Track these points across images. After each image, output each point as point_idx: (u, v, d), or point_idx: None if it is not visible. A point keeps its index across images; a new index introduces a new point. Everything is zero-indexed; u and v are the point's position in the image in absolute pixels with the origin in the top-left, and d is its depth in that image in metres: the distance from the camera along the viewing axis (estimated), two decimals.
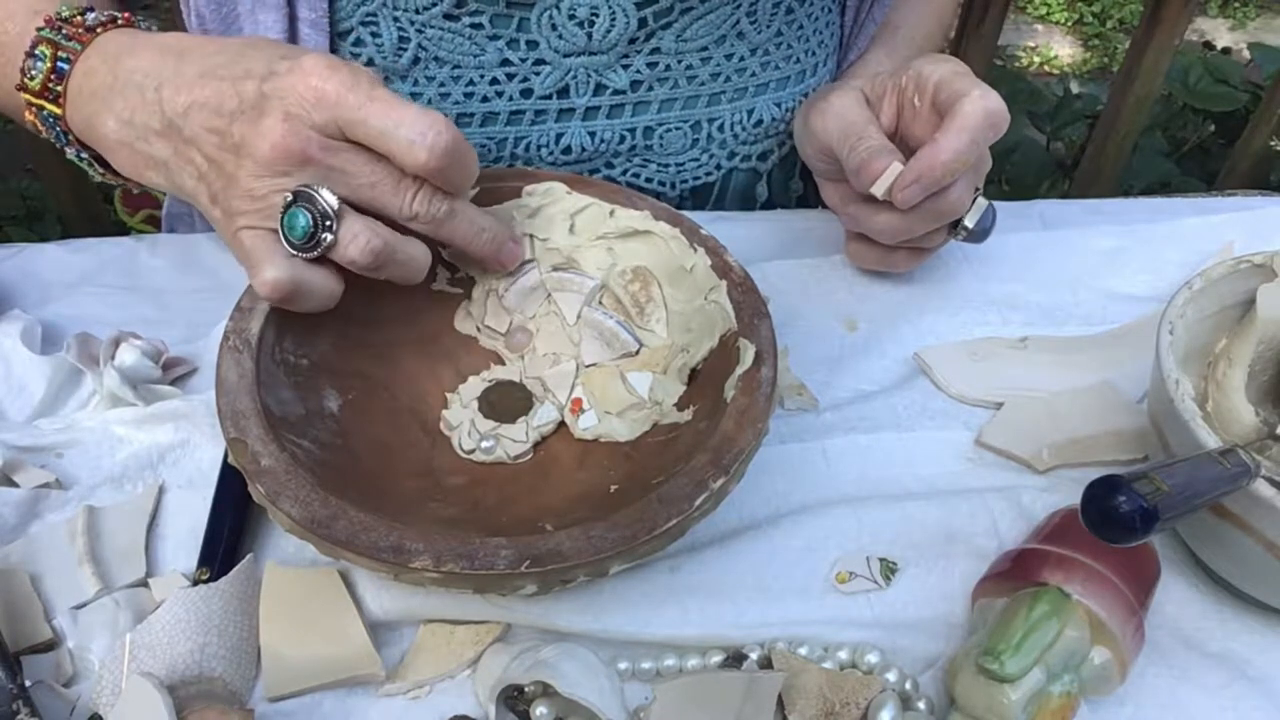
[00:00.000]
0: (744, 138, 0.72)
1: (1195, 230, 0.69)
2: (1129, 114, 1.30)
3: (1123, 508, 0.37)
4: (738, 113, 0.70)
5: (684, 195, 0.73)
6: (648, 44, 0.65)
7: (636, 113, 0.68)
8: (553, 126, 0.66)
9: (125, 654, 0.44)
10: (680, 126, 0.69)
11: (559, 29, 0.63)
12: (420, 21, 0.62)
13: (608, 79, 0.65)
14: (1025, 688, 0.42)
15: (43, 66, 0.52)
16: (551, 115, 0.66)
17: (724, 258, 0.55)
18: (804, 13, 0.70)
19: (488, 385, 0.55)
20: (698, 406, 0.52)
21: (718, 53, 0.67)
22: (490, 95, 0.65)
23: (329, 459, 0.48)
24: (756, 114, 0.71)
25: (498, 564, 0.42)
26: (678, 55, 0.66)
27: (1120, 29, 2.66)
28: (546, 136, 0.67)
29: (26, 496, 0.51)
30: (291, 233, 0.46)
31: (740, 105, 0.70)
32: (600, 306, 0.57)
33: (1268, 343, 0.52)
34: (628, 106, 0.67)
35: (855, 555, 0.51)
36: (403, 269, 0.49)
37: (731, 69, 0.68)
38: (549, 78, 0.64)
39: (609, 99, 0.66)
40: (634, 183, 0.71)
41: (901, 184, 0.57)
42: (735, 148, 0.72)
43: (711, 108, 0.69)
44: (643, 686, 0.47)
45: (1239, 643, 0.49)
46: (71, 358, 0.56)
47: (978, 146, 0.56)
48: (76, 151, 0.55)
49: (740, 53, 0.68)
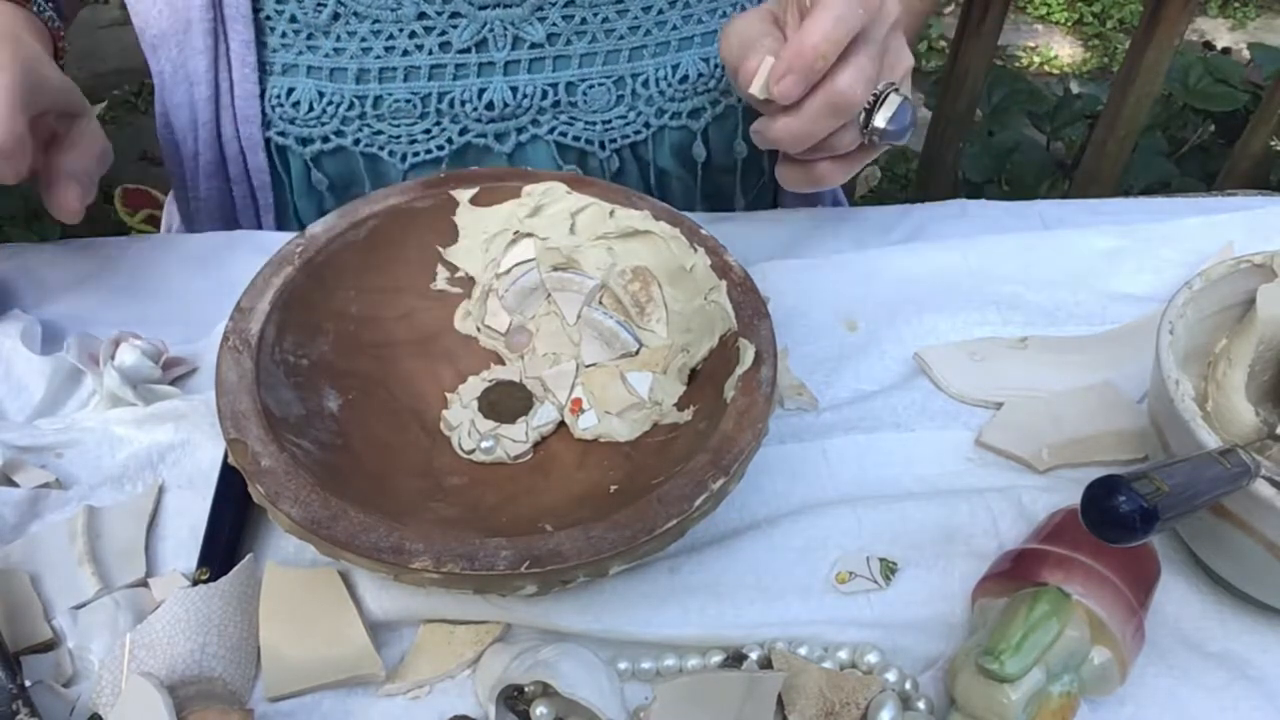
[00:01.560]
0: (671, 94, 0.71)
1: (1195, 230, 0.69)
2: (1129, 114, 1.30)
3: (1123, 508, 0.37)
4: (662, 68, 0.70)
5: (617, 154, 0.73)
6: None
7: (557, 67, 0.68)
8: (474, 81, 0.67)
9: (125, 654, 0.44)
10: (603, 82, 0.69)
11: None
12: None
13: (524, 32, 0.66)
14: (1025, 688, 0.42)
15: None
16: (472, 69, 0.67)
17: (724, 258, 0.55)
18: None
19: (488, 385, 0.55)
20: (698, 407, 0.52)
21: (634, 4, 0.67)
22: (410, 49, 0.66)
23: (329, 459, 0.48)
24: (682, 69, 0.70)
25: (498, 564, 0.42)
26: (593, 7, 0.66)
27: (1120, 29, 2.66)
28: (469, 91, 0.67)
29: (26, 496, 0.51)
30: None
31: (664, 60, 0.70)
32: (600, 306, 0.57)
33: (1268, 343, 0.52)
34: (547, 60, 0.67)
35: (855, 555, 0.51)
36: None
37: (650, 22, 0.68)
38: (465, 30, 0.65)
39: (528, 52, 0.67)
40: (562, 141, 0.71)
41: (775, 76, 0.53)
42: (663, 104, 0.71)
43: (634, 63, 0.69)
44: (643, 686, 0.47)
45: (1239, 643, 0.49)
46: (72, 358, 0.56)
47: (845, 24, 0.52)
48: None
49: (658, 5, 0.68)
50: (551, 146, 0.71)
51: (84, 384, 0.57)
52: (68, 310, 0.62)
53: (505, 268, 0.57)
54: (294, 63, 0.66)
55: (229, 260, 0.65)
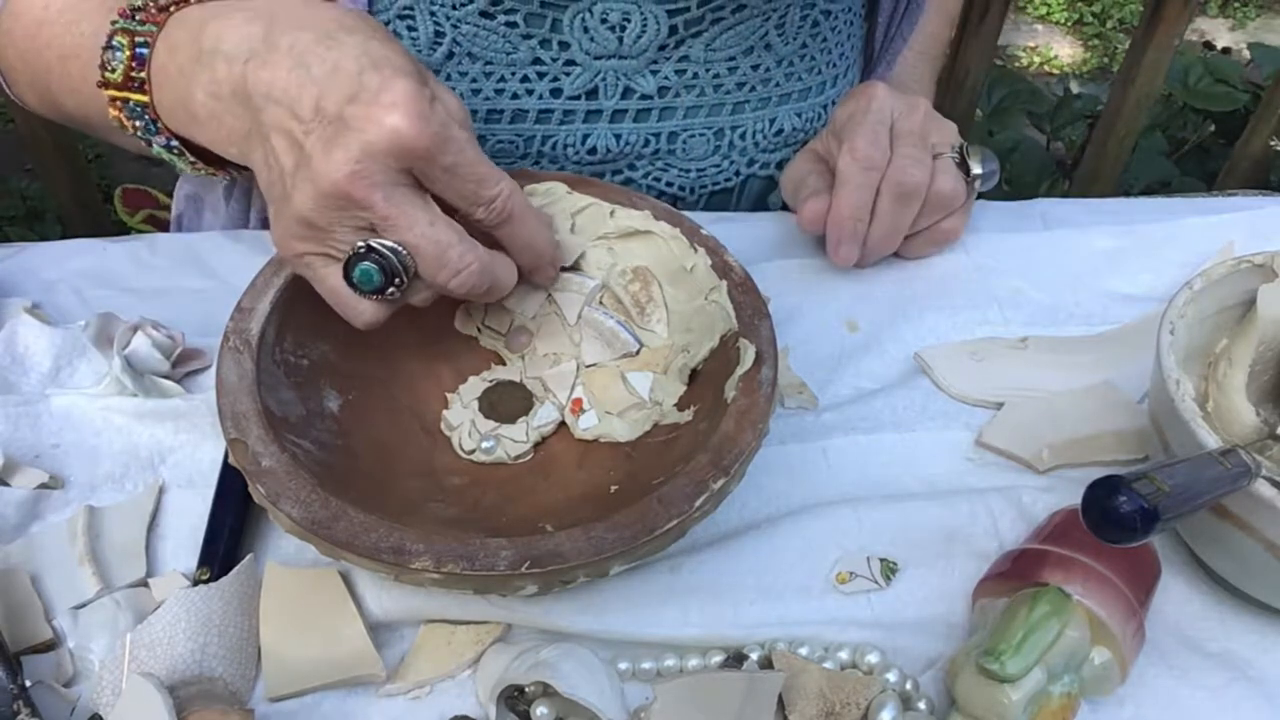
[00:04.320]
0: (764, 146, 0.72)
1: (1195, 230, 0.69)
2: (1129, 114, 1.30)
3: (1123, 508, 0.37)
4: (760, 121, 0.71)
5: (701, 199, 0.74)
6: (677, 51, 0.66)
7: (662, 118, 0.68)
8: (580, 127, 0.67)
9: (125, 654, 0.44)
10: (704, 133, 0.70)
11: (591, 31, 0.63)
12: (456, 17, 0.62)
13: (636, 83, 0.66)
14: (1026, 688, 0.42)
15: (122, 56, 0.50)
16: (579, 116, 0.67)
17: (724, 258, 0.55)
18: (829, 26, 0.71)
19: (488, 385, 0.55)
20: (698, 407, 0.52)
21: (745, 63, 0.68)
22: (520, 93, 0.65)
23: (329, 459, 0.48)
24: (778, 123, 0.72)
25: (498, 565, 0.42)
26: (706, 64, 0.67)
27: (1120, 29, 2.66)
28: (573, 136, 0.67)
29: (26, 496, 0.51)
30: (362, 284, 0.46)
31: (763, 114, 0.71)
32: (600, 306, 0.57)
33: (1268, 343, 0.52)
34: (654, 111, 0.68)
35: (855, 555, 0.51)
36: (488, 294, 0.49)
37: (757, 79, 0.69)
38: (579, 79, 0.65)
39: (636, 103, 0.67)
40: (654, 186, 0.71)
41: (834, 252, 0.63)
42: (755, 155, 0.73)
43: (735, 116, 0.70)
44: (643, 686, 0.47)
45: (1239, 643, 0.49)
46: (89, 336, 0.56)
47: (864, 191, 0.61)
48: (166, 141, 0.52)
49: (766, 64, 0.69)
50: (644, 190, 0.71)
51: (95, 361, 0.57)
52: (67, 310, 0.62)
53: None
54: None
55: (230, 260, 0.65)
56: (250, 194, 0.74)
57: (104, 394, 0.55)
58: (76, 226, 1.33)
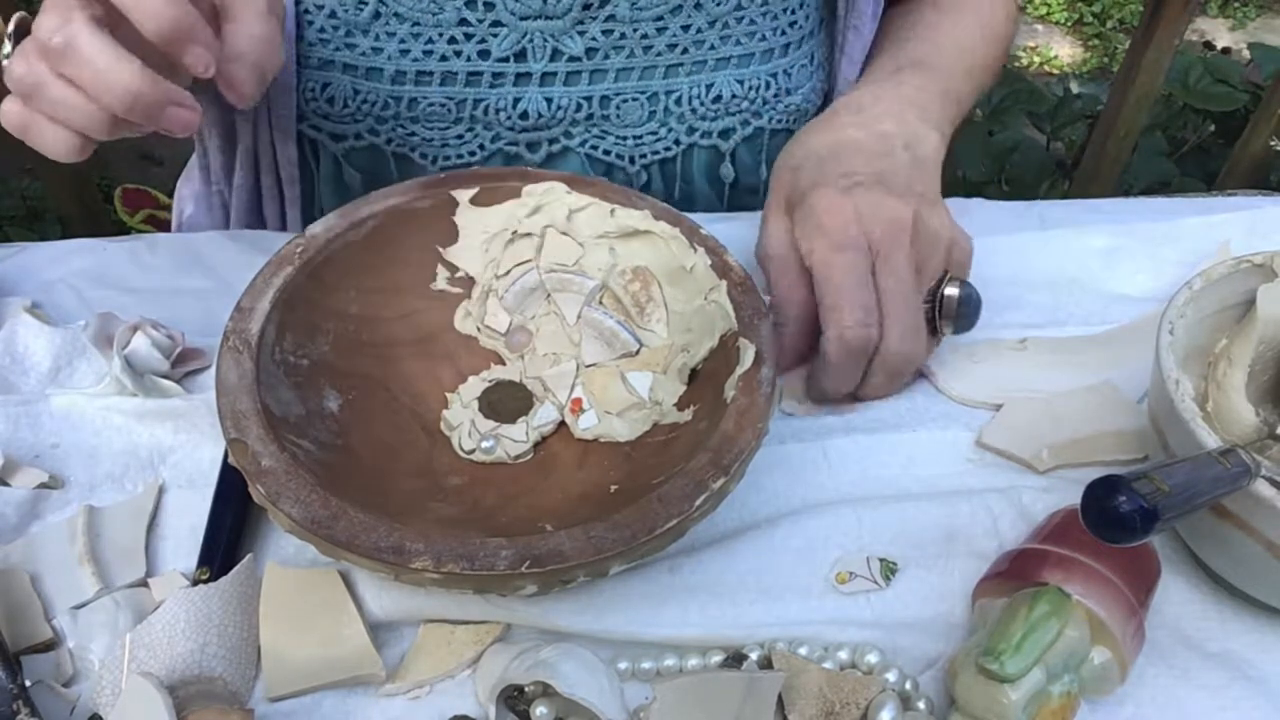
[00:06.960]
0: (702, 112, 0.71)
1: (1194, 230, 0.69)
2: (1129, 114, 1.30)
3: (1123, 508, 0.37)
4: (696, 86, 0.70)
5: (645, 170, 0.73)
6: (603, 10, 0.65)
7: (593, 81, 0.68)
8: (510, 90, 0.67)
9: (125, 654, 0.44)
10: (637, 97, 0.69)
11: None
12: None
13: (564, 44, 0.66)
14: (1025, 688, 0.42)
15: None
16: (509, 79, 0.67)
17: (724, 257, 0.55)
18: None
19: (488, 385, 0.55)
20: (698, 406, 0.52)
21: (674, 22, 0.67)
22: (448, 54, 0.65)
23: (329, 459, 0.48)
24: (716, 89, 0.71)
25: (498, 564, 0.42)
26: (633, 23, 0.66)
27: (1120, 29, 2.66)
28: (504, 100, 0.67)
29: (26, 496, 0.51)
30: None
31: (699, 79, 0.70)
32: (600, 306, 0.57)
33: (1268, 343, 0.52)
34: (584, 74, 0.68)
35: (855, 555, 0.51)
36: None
37: (689, 40, 0.68)
38: (506, 39, 0.65)
39: (565, 65, 0.67)
40: (593, 154, 0.71)
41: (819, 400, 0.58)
42: (694, 122, 0.72)
43: (670, 80, 0.69)
44: (643, 686, 0.47)
45: (1239, 643, 0.49)
46: (89, 336, 0.56)
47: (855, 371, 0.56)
48: None
49: (698, 23, 0.68)
50: (582, 159, 0.71)
51: (95, 361, 0.57)
52: (67, 310, 0.62)
53: (505, 268, 0.57)
54: (330, 58, 0.66)
55: (230, 260, 0.65)
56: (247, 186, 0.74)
57: (104, 394, 0.55)
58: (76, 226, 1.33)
